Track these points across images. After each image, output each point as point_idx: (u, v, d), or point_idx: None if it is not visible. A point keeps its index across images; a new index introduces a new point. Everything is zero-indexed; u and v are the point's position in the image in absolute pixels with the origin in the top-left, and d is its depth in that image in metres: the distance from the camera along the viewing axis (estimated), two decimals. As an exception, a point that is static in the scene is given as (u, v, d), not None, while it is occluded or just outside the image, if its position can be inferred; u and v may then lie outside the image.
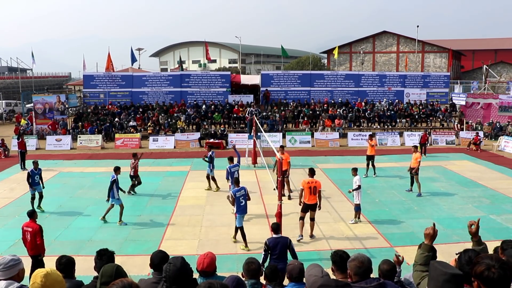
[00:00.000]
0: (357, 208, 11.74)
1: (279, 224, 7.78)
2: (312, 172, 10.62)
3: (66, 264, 4.52)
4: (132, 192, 14.48)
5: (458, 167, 18.29)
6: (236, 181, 10.63)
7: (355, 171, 12.11)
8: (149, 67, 70.49)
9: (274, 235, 7.50)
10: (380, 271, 4.58)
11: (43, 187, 12.98)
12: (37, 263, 8.05)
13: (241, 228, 9.94)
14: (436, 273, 2.84)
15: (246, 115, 26.24)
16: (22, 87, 43.39)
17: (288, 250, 7.31)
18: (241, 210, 9.96)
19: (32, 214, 8.43)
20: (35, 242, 8.15)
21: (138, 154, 15.01)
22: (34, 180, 12.68)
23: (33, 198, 12.59)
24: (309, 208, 10.41)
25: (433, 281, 2.86)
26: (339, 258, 4.45)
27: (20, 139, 18.12)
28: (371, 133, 20.05)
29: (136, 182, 14.53)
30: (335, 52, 35.90)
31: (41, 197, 12.83)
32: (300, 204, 10.50)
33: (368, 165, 16.99)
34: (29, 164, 19.50)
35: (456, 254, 3.44)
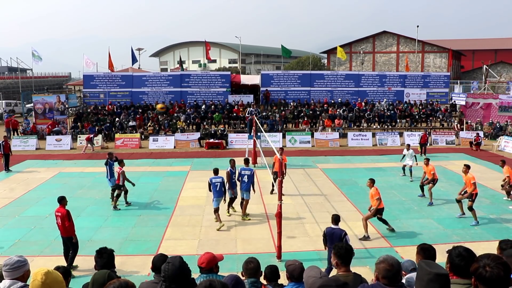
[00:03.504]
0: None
1: (339, 216, 8.28)
2: (373, 181, 11.06)
3: (62, 274, 4.54)
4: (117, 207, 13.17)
5: (458, 167, 18.24)
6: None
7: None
8: (149, 67, 70.55)
9: (333, 226, 8.05)
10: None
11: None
12: (72, 245, 8.97)
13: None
14: (422, 273, 2.86)
15: (246, 114, 26.24)
16: (22, 87, 43.37)
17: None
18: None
19: (61, 200, 9.08)
20: (65, 225, 8.85)
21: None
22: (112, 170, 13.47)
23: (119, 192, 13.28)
24: (379, 212, 10.87)
25: (419, 281, 2.89)
26: (343, 251, 4.51)
27: (5, 142, 18.23)
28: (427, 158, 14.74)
29: (124, 191, 13.41)
30: (340, 52, 35.49)
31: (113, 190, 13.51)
32: (372, 211, 10.83)
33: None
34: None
35: (447, 252, 3.47)
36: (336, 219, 8.14)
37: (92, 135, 23.04)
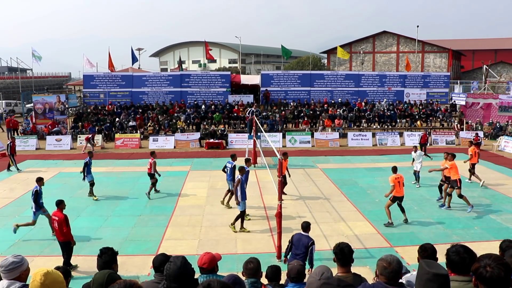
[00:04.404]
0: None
1: (309, 224, 7.96)
2: (395, 169, 11.83)
3: (62, 274, 4.53)
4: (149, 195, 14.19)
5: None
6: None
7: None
8: (149, 67, 70.52)
9: (302, 232, 7.78)
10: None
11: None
12: (67, 250, 8.84)
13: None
14: (421, 272, 2.87)
15: (247, 114, 26.24)
16: (22, 87, 43.34)
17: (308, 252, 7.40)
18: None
19: (59, 204, 8.95)
20: (62, 230, 8.70)
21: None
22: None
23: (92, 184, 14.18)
24: (397, 200, 11.49)
25: (418, 280, 2.91)
26: (340, 251, 4.42)
27: (12, 143, 18.31)
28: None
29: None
30: (340, 51, 35.54)
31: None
32: (390, 199, 11.49)
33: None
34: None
35: None
36: (305, 226, 7.79)
37: (90, 136, 22.97)
